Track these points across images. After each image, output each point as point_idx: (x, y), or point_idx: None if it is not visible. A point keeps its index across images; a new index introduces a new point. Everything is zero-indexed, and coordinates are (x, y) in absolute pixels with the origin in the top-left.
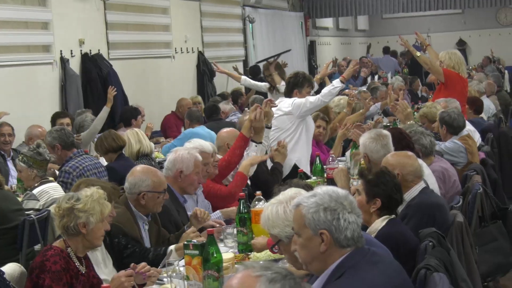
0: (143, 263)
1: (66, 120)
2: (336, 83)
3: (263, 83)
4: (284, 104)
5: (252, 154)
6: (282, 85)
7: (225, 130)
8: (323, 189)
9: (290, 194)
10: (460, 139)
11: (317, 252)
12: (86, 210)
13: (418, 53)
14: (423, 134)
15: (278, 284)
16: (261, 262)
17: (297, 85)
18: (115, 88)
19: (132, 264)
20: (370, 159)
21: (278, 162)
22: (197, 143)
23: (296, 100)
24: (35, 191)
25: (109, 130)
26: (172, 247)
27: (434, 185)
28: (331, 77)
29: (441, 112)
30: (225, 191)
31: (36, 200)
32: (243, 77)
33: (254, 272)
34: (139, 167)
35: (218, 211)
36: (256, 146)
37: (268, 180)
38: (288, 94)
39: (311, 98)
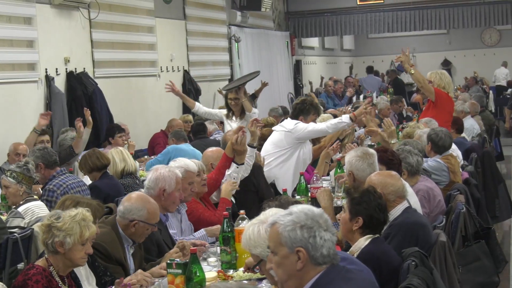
0: (128, 277)
1: (46, 137)
2: (345, 118)
3: (217, 110)
4: (287, 123)
5: (233, 175)
6: (253, 113)
7: (210, 149)
8: (298, 208)
9: (272, 214)
10: (443, 158)
11: (293, 269)
12: (64, 230)
13: (413, 70)
14: (411, 153)
15: None
16: (244, 281)
17: (303, 111)
18: (89, 111)
19: (119, 279)
20: (355, 177)
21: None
22: (182, 162)
23: (300, 122)
24: (20, 209)
25: (93, 149)
26: None
27: (416, 204)
28: (318, 95)
29: (431, 129)
30: (210, 218)
31: (21, 218)
32: (197, 103)
33: None
34: (138, 195)
35: (202, 229)
36: (237, 167)
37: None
38: (294, 119)
39: (317, 125)
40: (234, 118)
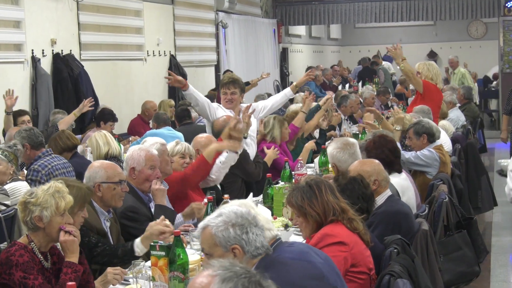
0: (100, 277)
1: (26, 118)
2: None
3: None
4: None
5: (222, 159)
6: None
7: (201, 135)
8: (226, 209)
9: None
10: (435, 148)
11: None
12: (39, 204)
13: (403, 64)
14: None
15: (230, 283)
16: (223, 261)
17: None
18: (93, 102)
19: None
20: (338, 169)
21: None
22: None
23: None
24: (7, 187)
25: (62, 130)
26: (137, 239)
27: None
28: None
29: (415, 123)
30: (180, 174)
31: (6, 196)
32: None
33: (212, 271)
34: (95, 162)
35: (179, 214)
36: (227, 153)
37: (254, 172)
38: None
39: None
40: None
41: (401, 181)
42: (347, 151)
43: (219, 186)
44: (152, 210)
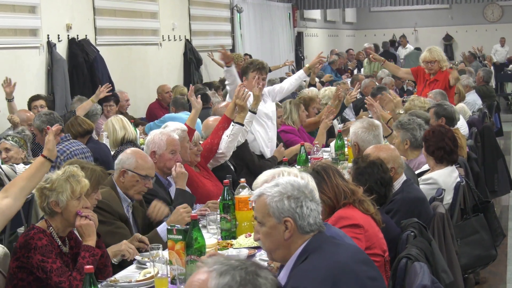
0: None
1: (41, 102)
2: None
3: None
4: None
5: (227, 133)
6: None
7: (212, 118)
8: (284, 179)
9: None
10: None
11: (281, 239)
12: (54, 189)
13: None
14: (421, 127)
15: (228, 276)
16: (217, 257)
17: (244, 72)
18: (110, 88)
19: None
20: (360, 148)
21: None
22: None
23: None
24: (19, 166)
25: (75, 116)
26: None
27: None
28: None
29: (437, 104)
30: (206, 185)
31: (13, 172)
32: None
33: (208, 268)
34: (133, 149)
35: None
36: (232, 125)
37: (254, 165)
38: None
39: None
40: None
41: (451, 180)
42: (372, 132)
43: (233, 168)
44: (171, 194)
